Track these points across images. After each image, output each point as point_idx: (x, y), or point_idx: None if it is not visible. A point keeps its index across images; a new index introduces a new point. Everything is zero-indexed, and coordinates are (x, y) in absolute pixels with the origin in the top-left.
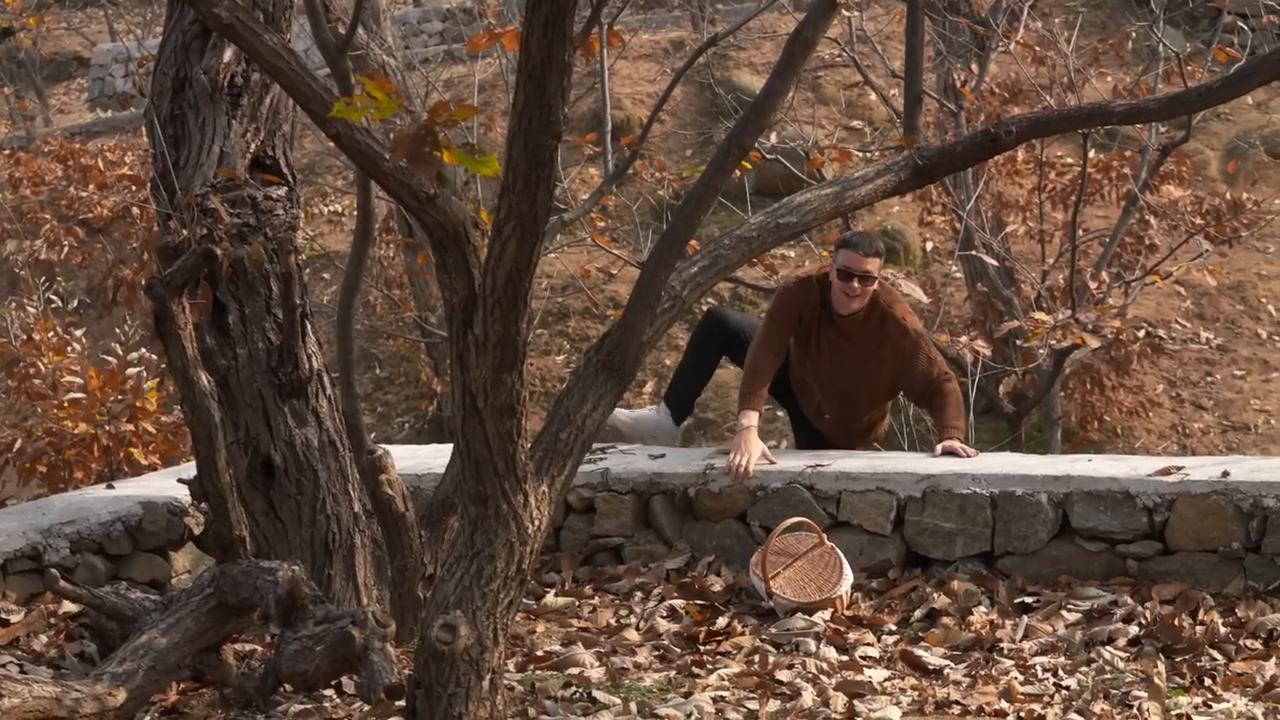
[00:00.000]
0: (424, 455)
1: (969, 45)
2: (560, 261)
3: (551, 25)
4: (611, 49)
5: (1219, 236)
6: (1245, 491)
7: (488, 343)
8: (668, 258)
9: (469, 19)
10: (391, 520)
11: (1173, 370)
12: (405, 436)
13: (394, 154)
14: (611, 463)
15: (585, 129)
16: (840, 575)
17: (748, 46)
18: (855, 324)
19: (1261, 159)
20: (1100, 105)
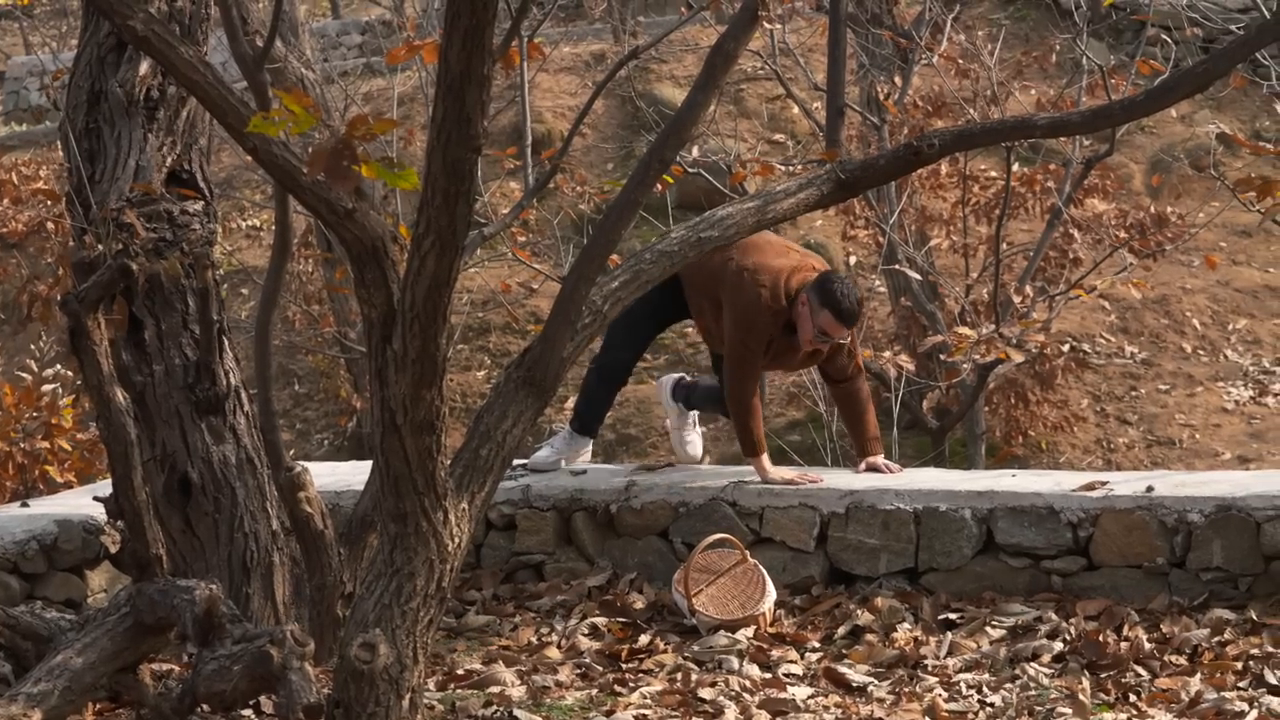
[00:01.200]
0: (343, 472)
1: (892, 58)
2: (481, 276)
3: (470, 38)
4: (532, 62)
5: (1143, 250)
6: (1169, 506)
7: (407, 358)
8: (588, 272)
9: (388, 31)
10: (310, 538)
11: (1097, 385)
12: (325, 453)
13: (311, 168)
14: (532, 479)
15: (506, 142)
16: (763, 592)
17: (670, 59)
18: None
19: (1185, 172)
20: (1023, 119)
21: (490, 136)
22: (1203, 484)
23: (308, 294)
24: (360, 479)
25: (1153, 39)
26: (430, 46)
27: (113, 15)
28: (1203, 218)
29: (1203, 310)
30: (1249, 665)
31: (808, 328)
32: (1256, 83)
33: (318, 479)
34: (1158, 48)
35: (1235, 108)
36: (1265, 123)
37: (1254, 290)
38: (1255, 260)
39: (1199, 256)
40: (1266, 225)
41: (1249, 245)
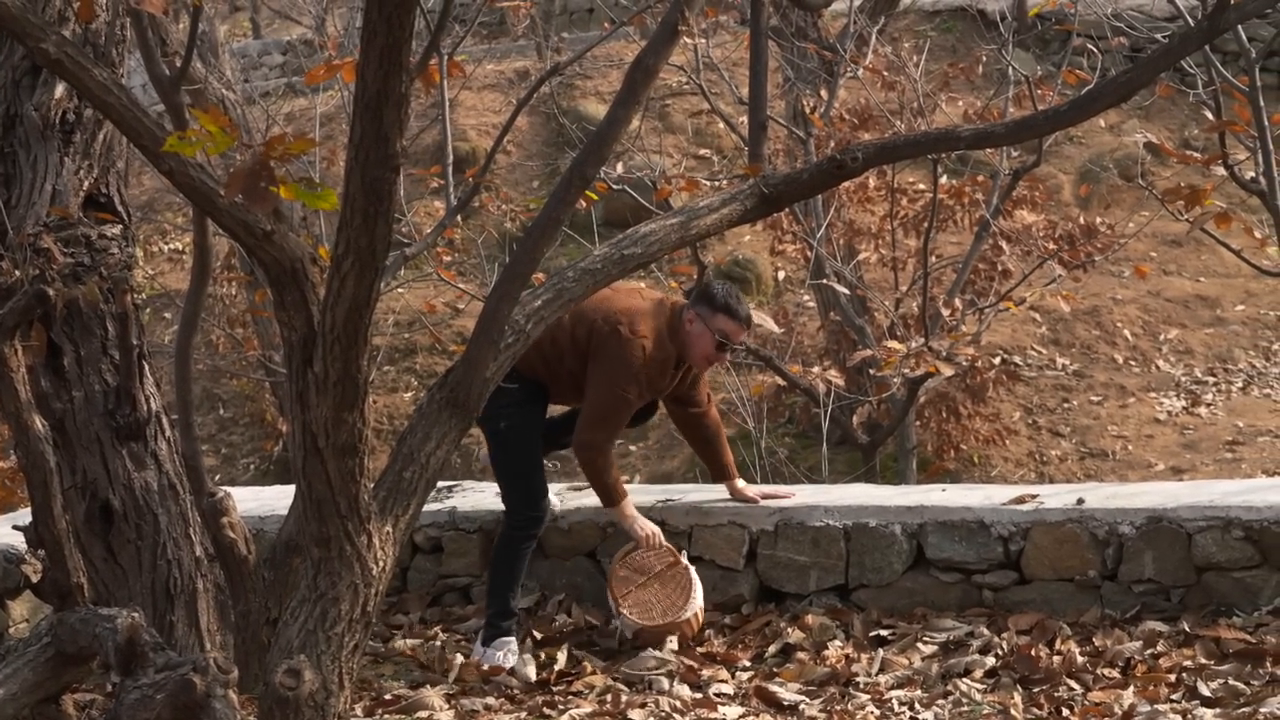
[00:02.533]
0: (267, 497)
1: (818, 71)
2: (407, 297)
3: (387, 57)
4: (453, 79)
5: (1072, 261)
6: (1100, 519)
7: (328, 381)
8: (511, 291)
9: (310, 51)
10: (234, 564)
11: (1029, 397)
12: (251, 478)
13: (229, 190)
14: (458, 501)
15: (430, 161)
16: (688, 599)
17: (595, 75)
18: None
19: (1115, 182)
20: (947, 130)
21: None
22: (1133, 495)
23: (231, 317)
24: (284, 503)
25: (1079, 49)
26: (349, 66)
27: (25, 39)
28: (1132, 228)
29: (1134, 321)
30: (1182, 677)
31: (705, 342)
32: (1183, 91)
33: (242, 504)
34: (1084, 57)
35: (1164, 117)
36: (1194, 131)
37: (1185, 300)
38: (1186, 270)
39: (1129, 267)
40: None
41: (1179, 255)
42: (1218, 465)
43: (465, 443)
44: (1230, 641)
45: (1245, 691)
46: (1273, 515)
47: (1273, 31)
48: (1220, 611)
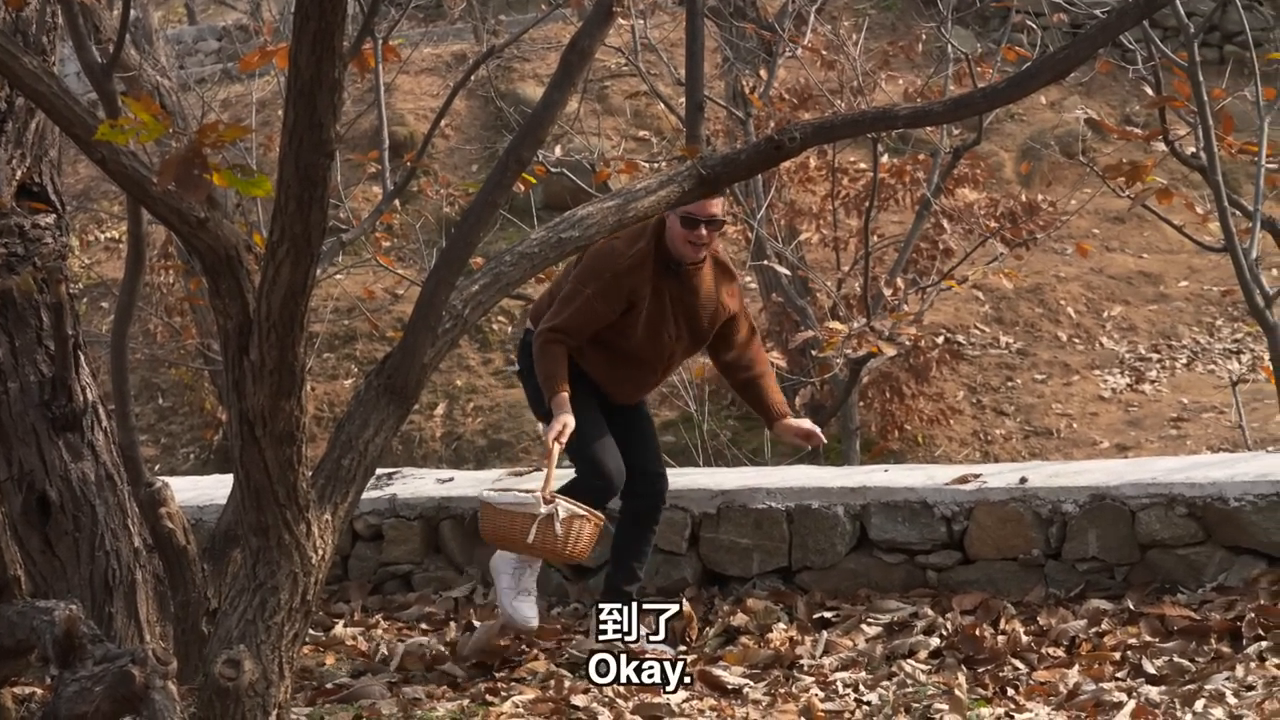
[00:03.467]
0: (206, 486)
1: (757, 51)
2: (345, 283)
3: (320, 42)
4: (389, 64)
5: (1015, 239)
6: (1044, 498)
7: (264, 369)
8: (447, 276)
9: (245, 36)
10: (173, 554)
11: (973, 376)
12: (191, 467)
13: (162, 177)
14: (398, 488)
15: (368, 146)
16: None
17: (533, 58)
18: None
19: (1056, 159)
20: (885, 109)
21: (350, 140)
22: (1076, 474)
23: (169, 306)
24: (223, 493)
25: (1019, 25)
26: (283, 51)
27: None
28: (1074, 205)
29: (1077, 298)
30: (1127, 655)
31: (675, 228)
32: (1124, 67)
33: (180, 494)
34: (1024, 34)
35: (1105, 93)
36: (1134, 107)
37: (1128, 277)
38: (1129, 246)
39: (1072, 244)
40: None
41: (1122, 231)
42: (1162, 442)
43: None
44: (1175, 619)
45: (1190, 669)
46: (1216, 492)
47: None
48: (1164, 589)
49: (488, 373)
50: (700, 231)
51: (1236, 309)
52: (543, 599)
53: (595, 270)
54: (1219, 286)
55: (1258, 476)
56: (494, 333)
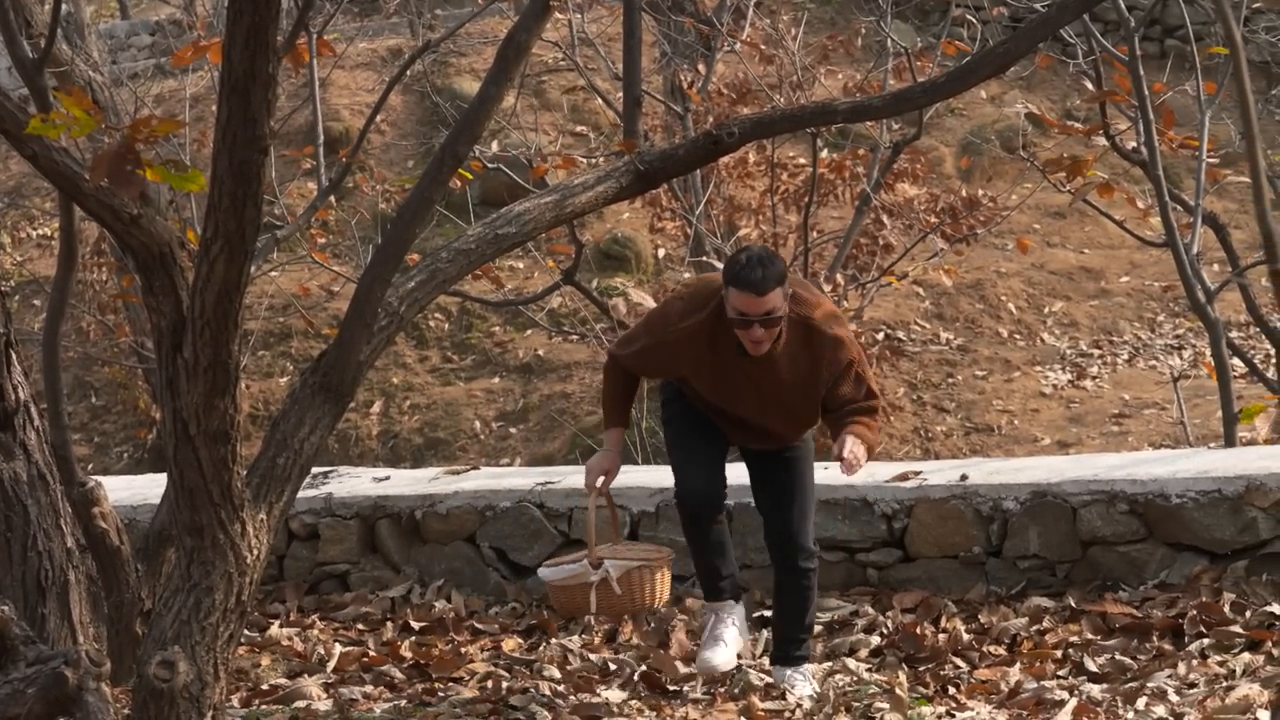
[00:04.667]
0: (140, 485)
1: (695, 45)
2: (280, 280)
3: (253, 36)
4: (324, 59)
5: (955, 235)
6: (984, 495)
7: (198, 367)
8: (383, 273)
9: (179, 31)
10: (106, 555)
11: (913, 373)
12: (125, 466)
13: (94, 174)
14: (334, 487)
15: (303, 142)
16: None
17: (469, 53)
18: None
19: (997, 154)
20: (824, 104)
21: (285, 136)
22: (1017, 471)
23: (102, 303)
24: (157, 492)
25: (959, 20)
26: (217, 46)
27: None
28: (1015, 200)
29: (1018, 294)
30: (1068, 653)
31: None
32: (1064, 62)
33: (114, 493)
34: (964, 28)
35: (1045, 88)
36: (1075, 102)
37: (1069, 272)
38: (1070, 242)
39: (1012, 240)
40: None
41: (1063, 227)
42: (1104, 439)
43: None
44: (1116, 616)
45: (1132, 666)
46: (1157, 488)
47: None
48: (1106, 586)
49: (424, 370)
50: (756, 331)
51: (1178, 304)
52: (481, 598)
53: (650, 327)
54: (1160, 282)
55: (1199, 473)
56: (431, 330)
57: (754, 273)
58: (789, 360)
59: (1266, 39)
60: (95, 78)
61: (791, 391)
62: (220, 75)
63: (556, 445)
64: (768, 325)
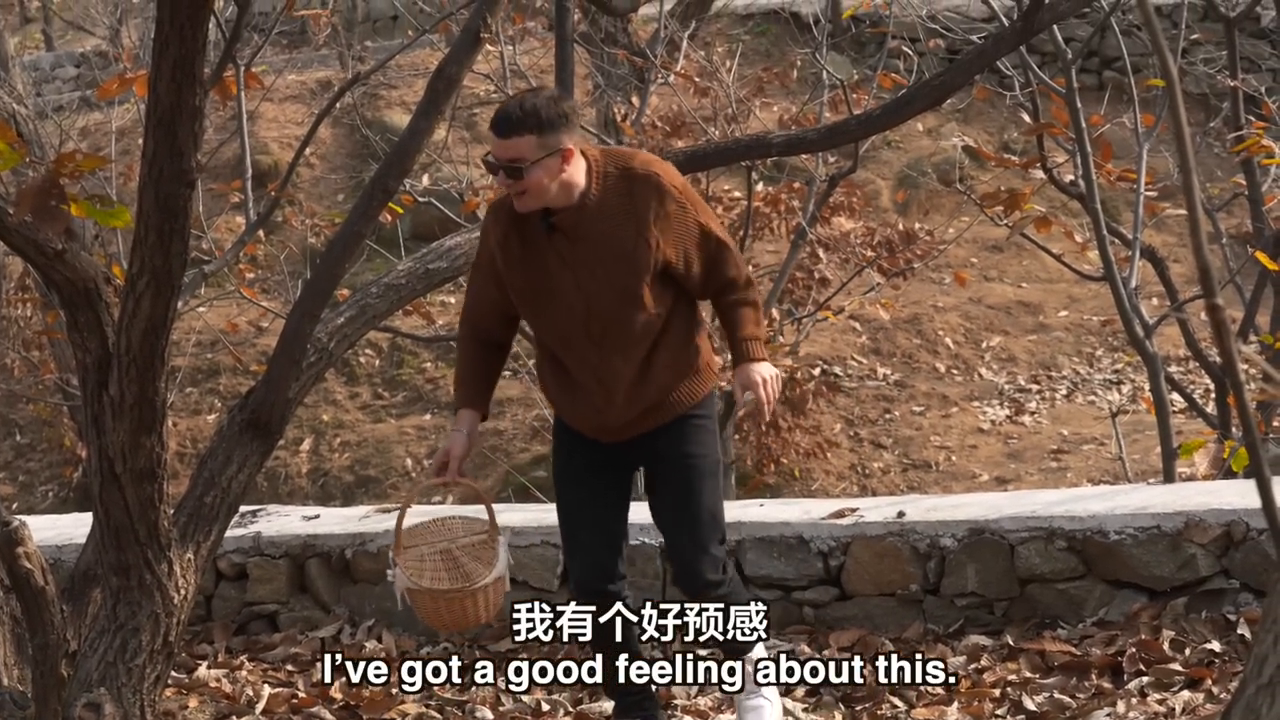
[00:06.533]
0: (65, 525)
1: (629, 78)
2: (208, 315)
3: (180, 69)
4: (252, 91)
5: (892, 269)
6: (921, 532)
7: (124, 404)
8: (312, 309)
9: (105, 63)
10: (30, 595)
11: (850, 408)
12: (50, 505)
13: (18, 208)
14: (263, 526)
15: (230, 175)
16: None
17: (400, 85)
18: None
19: (934, 187)
20: (758, 137)
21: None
22: (955, 507)
23: (26, 340)
24: (83, 532)
25: (895, 51)
26: (143, 79)
27: None
28: (952, 233)
29: (955, 329)
30: (1007, 692)
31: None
32: (1001, 94)
33: (38, 533)
34: (900, 61)
35: (983, 120)
36: (1013, 134)
37: (1007, 306)
38: (1007, 276)
39: (950, 274)
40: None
41: (1001, 260)
42: (1043, 474)
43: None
44: (1055, 654)
45: (1071, 705)
46: (1095, 525)
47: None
48: (1044, 624)
49: (355, 407)
50: (502, 178)
51: (1117, 339)
52: (413, 638)
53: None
54: (1099, 316)
55: (1138, 509)
56: (361, 366)
57: (509, 111)
58: (606, 226)
59: (1204, 70)
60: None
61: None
62: (146, 108)
63: (490, 483)
64: (512, 175)
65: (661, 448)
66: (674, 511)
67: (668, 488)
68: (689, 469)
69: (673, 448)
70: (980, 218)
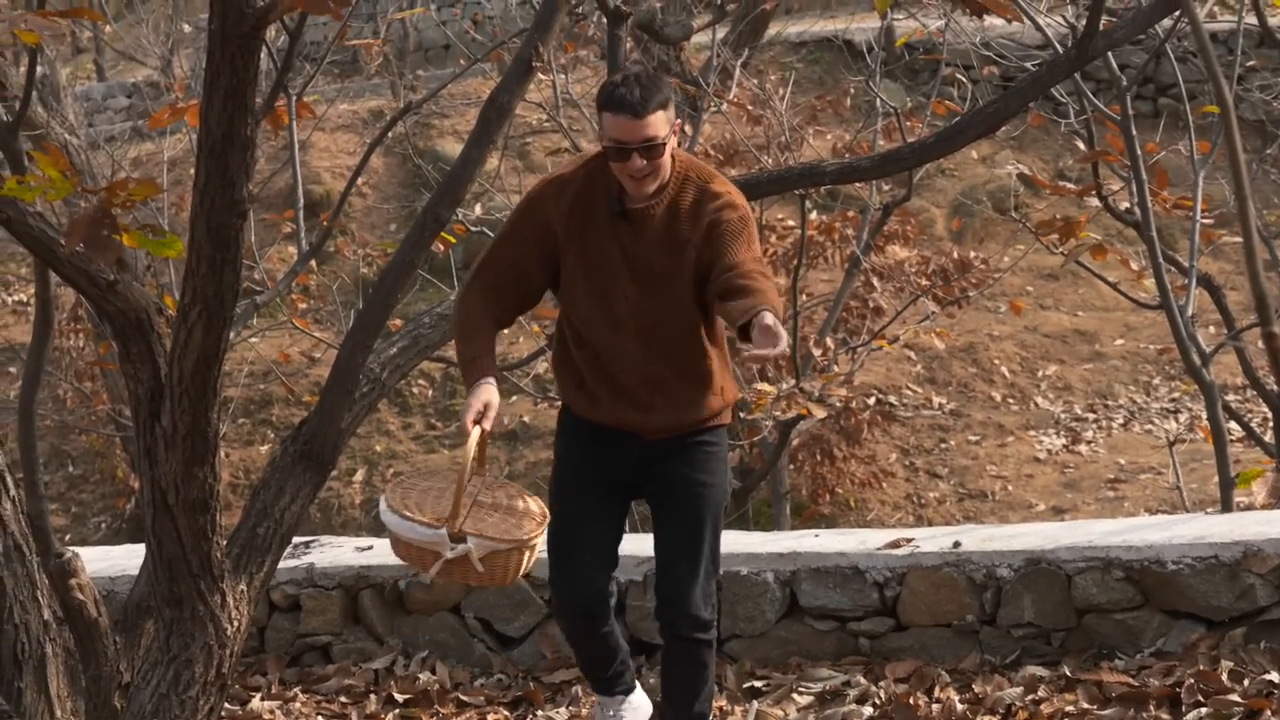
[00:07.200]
0: (118, 556)
1: (681, 106)
2: (261, 346)
3: (231, 99)
4: (304, 121)
5: (947, 297)
6: (977, 562)
7: (176, 435)
8: (364, 339)
9: (157, 93)
10: (84, 627)
11: (905, 438)
12: (103, 537)
13: (70, 238)
14: (316, 557)
15: (283, 205)
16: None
17: (451, 114)
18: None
19: (988, 215)
20: (811, 165)
21: (265, 199)
22: (1011, 537)
23: (79, 370)
24: (136, 563)
25: (949, 79)
26: (194, 108)
27: None
28: (1007, 262)
29: (1011, 357)
30: None
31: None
32: (1056, 121)
33: (91, 564)
34: (954, 88)
35: (1038, 147)
36: (1068, 162)
37: (1063, 335)
38: (1063, 304)
39: (1005, 302)
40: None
41: (1056, 289)
42: (1099, 504)
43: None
44: (1113, 685)
45: None
46: (1153, 555)
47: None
48: (1102, 655)
49: (408, 437)
50: (635, 162)
51: (1173, 367)
52: (466, 669)
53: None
54: (1155, 344)
55: (1195, 539)
56: (414, 396)
57: (631, 92)
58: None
59: (1260, 97)
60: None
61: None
62: (198, 138)
63: None
64: (649, 155)
65: (673, 470)
66: (676, 537)
67: (675, 512)
68: (698, 496)
69: (685, 472)
70: (1035, 246)
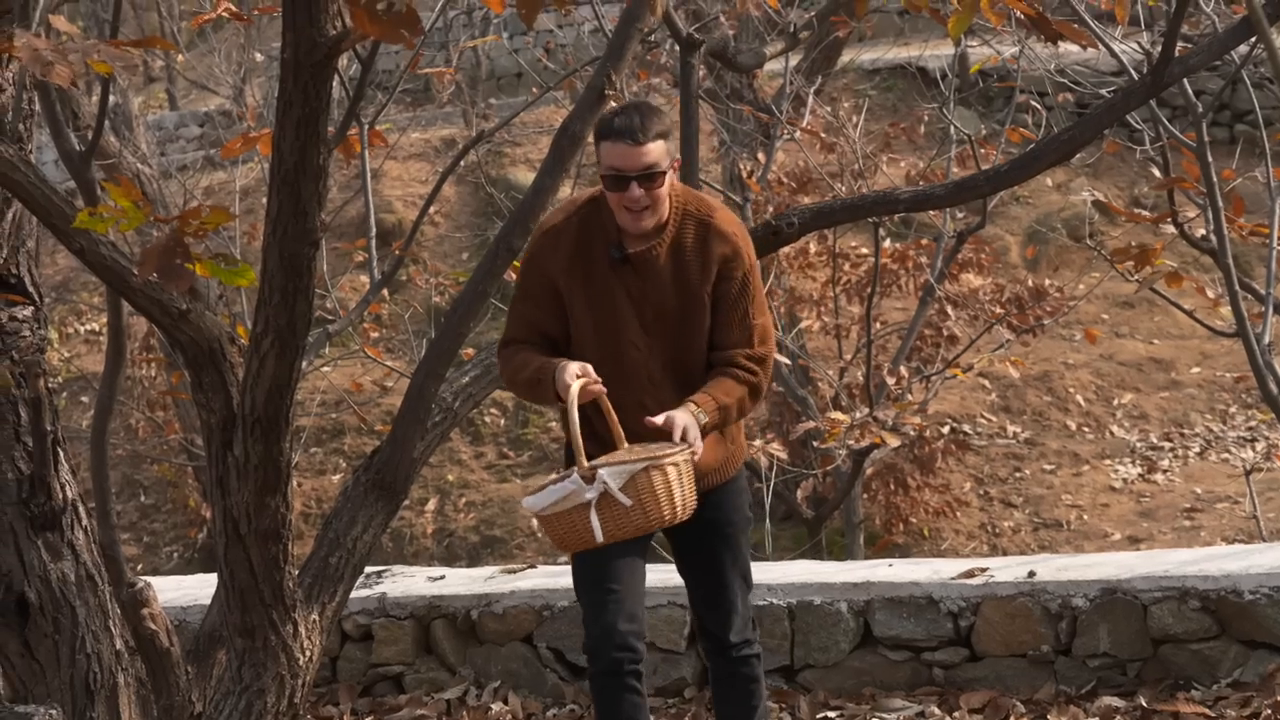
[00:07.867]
0: (190, 586)
1: (754, 134)
2: (333, 375)
3: (304, 127)
4: (376, 149)
5: (1021, 325)
6: (1053, 592)
7: (249, 464)
8: (437, 368)
9: (228, 122)
10: (155, 657)
11: (980, 467)
12: (175, 566)
13: (142, 268)
14: (388, 587)
15: (354, 234)
16: None
17: (524, 142)
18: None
19: (1063, 243)
20: (885, 193)
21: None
22: (1086, 567)
23: (151, 400)
24: (207, 593)
25: (1023, 105)
26: (267, 137)
27: None
28: (1082, 289)
29: (1086, 386)
30: None
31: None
32: (1131, 148)
33: (163, 594)
34: (1029, 114)
35: (1112, 174)
36: (1143, 189)
37: (1139, 363)
38: (1139, 332)
39: (1080, 330)
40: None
41: (1132, 316)
42: (1176, 534)
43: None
44: (1189, 716)
45: None
46: (1230, 585)
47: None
48: (1178, 685)
49: (480, 466)
50: (633, 192)
51: (1250, 395)
52: (539, 700)
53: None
54: (1232, 372)
55: (1273, 568)
56: (486, 425)
57: (630, 119)
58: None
59: None
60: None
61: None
62: (270, 167)
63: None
64: (648, 184)
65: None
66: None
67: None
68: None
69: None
70: (1110, 273)
